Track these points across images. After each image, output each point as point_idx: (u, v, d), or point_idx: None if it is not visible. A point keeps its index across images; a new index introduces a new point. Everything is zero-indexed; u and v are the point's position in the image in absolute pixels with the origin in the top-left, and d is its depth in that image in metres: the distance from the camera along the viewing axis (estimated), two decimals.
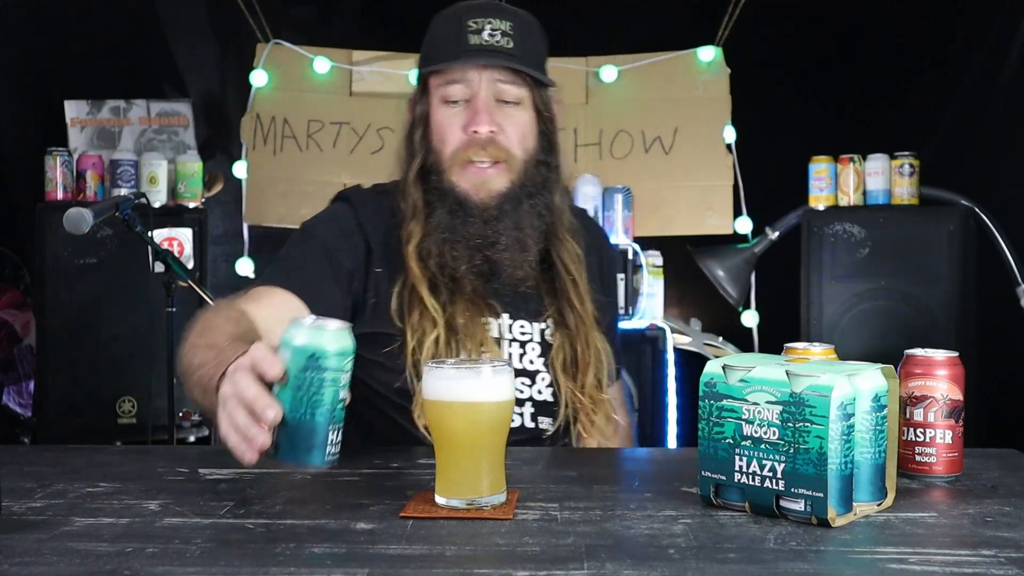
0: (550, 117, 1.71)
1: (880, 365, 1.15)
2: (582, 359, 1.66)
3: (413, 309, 1.62)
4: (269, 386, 1.11)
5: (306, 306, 1.57)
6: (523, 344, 1.68)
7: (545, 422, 1.66)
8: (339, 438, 1.12)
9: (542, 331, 1.69)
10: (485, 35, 1.61)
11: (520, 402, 1.65)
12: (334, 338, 1.10)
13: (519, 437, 1.60)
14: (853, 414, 1.09)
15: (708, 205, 3.69)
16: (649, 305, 3.43)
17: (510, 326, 1.68)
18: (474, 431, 1.15)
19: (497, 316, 1.67)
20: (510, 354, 1.66)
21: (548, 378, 1.67)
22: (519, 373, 1.66)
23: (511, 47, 1.62)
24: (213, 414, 1.22)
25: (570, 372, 1.67)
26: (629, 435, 1.81)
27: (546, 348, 1.68)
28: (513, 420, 1.61)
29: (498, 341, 1.66)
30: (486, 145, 1.62)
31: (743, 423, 1.11)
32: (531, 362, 1.67)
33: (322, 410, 1.09)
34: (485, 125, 1.61)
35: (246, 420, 1.10)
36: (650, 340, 3.30)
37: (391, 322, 1.62)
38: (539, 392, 1.67)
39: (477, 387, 1.15)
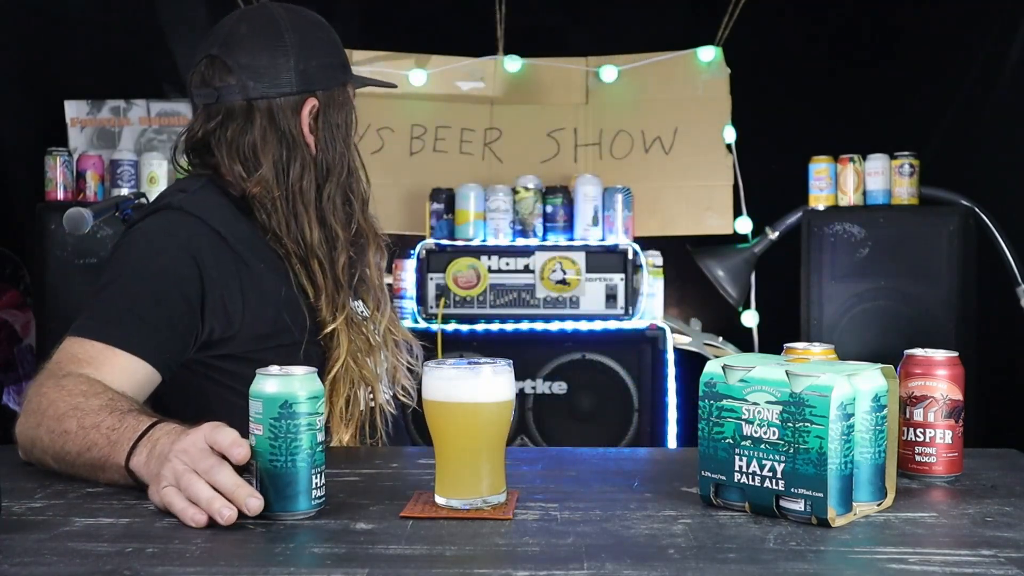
0: None
1: (880, 365, 1.15)
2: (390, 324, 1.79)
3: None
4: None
5: (158, 371, 1.49)
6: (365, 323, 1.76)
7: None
8: (323, 481, 1.12)
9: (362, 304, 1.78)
10: None
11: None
12: (304, 384, 1.11)
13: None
14: (853, 414, 1.09)
15: (708, 205, 3.69)
16: (649, 305, 3.43)
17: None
18: (474, 431, 1.15)
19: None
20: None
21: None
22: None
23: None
24: (109, 483, 1.25)
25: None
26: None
27: None
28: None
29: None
30: None
31: (743, 423, 1.11)
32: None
33: (302, 456, 1.10)
34: None
35: (211, 494, 1.09)
36: (650, 340, 3.30)
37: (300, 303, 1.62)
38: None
39: (477, 387, 1.15)
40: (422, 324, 3.25)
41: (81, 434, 1.28)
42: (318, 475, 1.12)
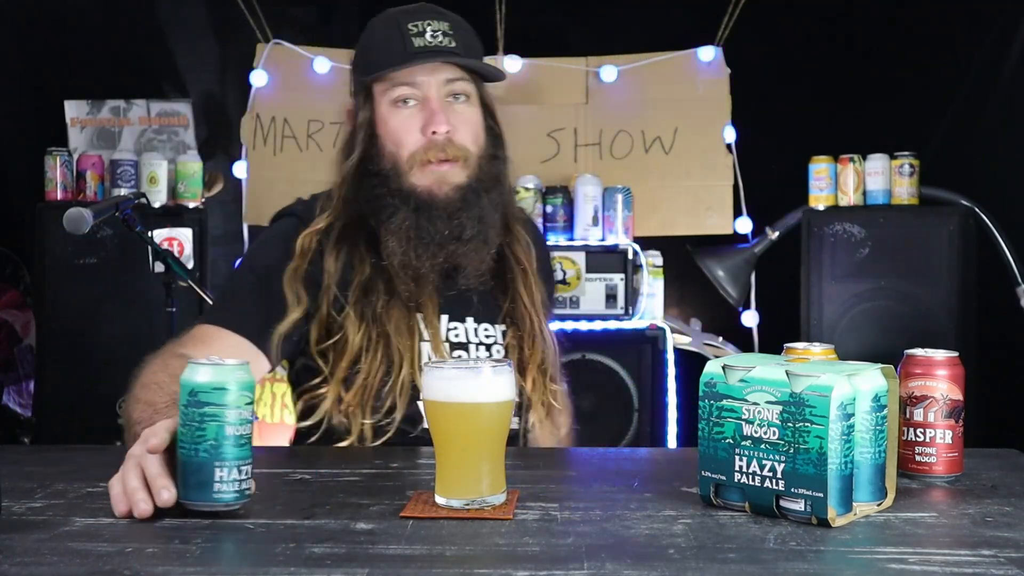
0: (494, 110, 1.73)
1: (880, 365, 1.15)
2: (528, 352, 1.68)
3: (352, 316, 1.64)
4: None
5: (255, 345, 1.58)
6: (488, 347, 1.69)
7: (513, 421, 1.66)
8: (234, 477, 1.10)
9: (503, 332, 1.70)
10: (428, 36, 1.62)
11: None
12: (209, 373, 1.10)
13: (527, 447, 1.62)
14: (853, 414, 1.09)
15: (708, 205, 3.69)
16: (649, 305, 3.43)
17: (475, 329, 1.69)
18: (474, 431, 1.15)
19: (462, 319, 1.69)
20: (477, 356, 1.67)
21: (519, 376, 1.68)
22: None
23: (455, 46, 1.63)
24: None
25: (517, 368, 1.66)
26: (571, 436, 1.82)
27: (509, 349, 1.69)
28: None
29: (464, 346, 1.67)
30: (444, 146, 1.63)
31: (743, 423, 1.11)
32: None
33: (205, 447, 1.09)
34: (443, 125, 1.61)
35: (137, 485, 1.11)
36: (650, 340, 3.30)
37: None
38: None
39: (477, 387, 1.15)
40: None
41: (141, 407, 1.41)
42: (224, 469, 1.09)
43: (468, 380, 1.15)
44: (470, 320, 1.69)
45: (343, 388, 1.61)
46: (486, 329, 1.70)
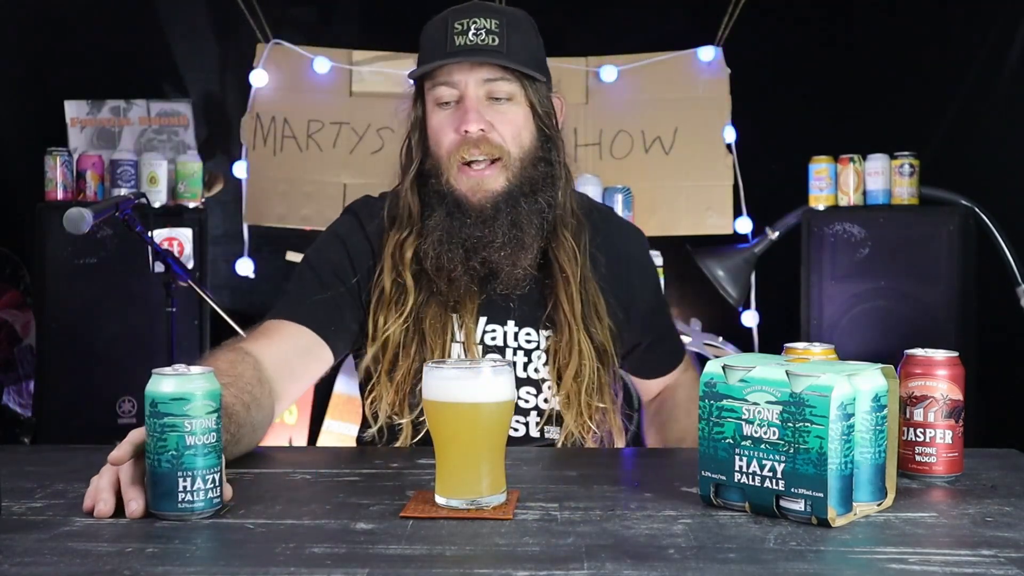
0: (548, 112, 1.69)
1: (880, 365, 1.15)
2: (563, 361, 1.65)
3: (387, 315, 1.65)
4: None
5: (318, 335, 1.62)
6: (528, 352, 1.68)
7: (553, 431, 1.66)
8: (199, 486, 1.10)
9: (547, 338, 1.68)
10: (470, 35, 1.61)
11: (525, 411, 1.66)
12: (168, 384, 1.10)
13: (528, 447, 1.61)
14: (853, 414, 1.09)
15: (708, 205, 3.69)
16: None
17: (515, 334, 1.68)
18: (474, 431, 1.15)
19: (503, 323, 1.68)
20: (514, 363, 1.66)
21: (555, 386, 1.66)
22: (524, 382, 1.66)
23: (496, 44, 1.61)
24: None
25: (555, 376, 1.66)
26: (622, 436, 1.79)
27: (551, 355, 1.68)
28: (518, 430, 1.62)
29: (501, 350, 1.67)
30: (478, 143, 1.61)
31: (743, 423, 1.11)
32: (536, 371, 1.67)
33: (167, 457, 1.10)
34: (474, 124, 1.60)
35: (104, 486, 1.14)
36: None
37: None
38: (545, 401, 1.67)
39: (477, 387, 1.15)
40: None
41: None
42: (187, 479, 1.10)
43: (468, 380, 1.15)
44: (511, 324, 1.68)
45: (389, 387, 1.63)
46: (528, 334, 1.68)
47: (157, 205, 3.28)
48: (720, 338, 3.63)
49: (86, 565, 0.96)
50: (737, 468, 1.12)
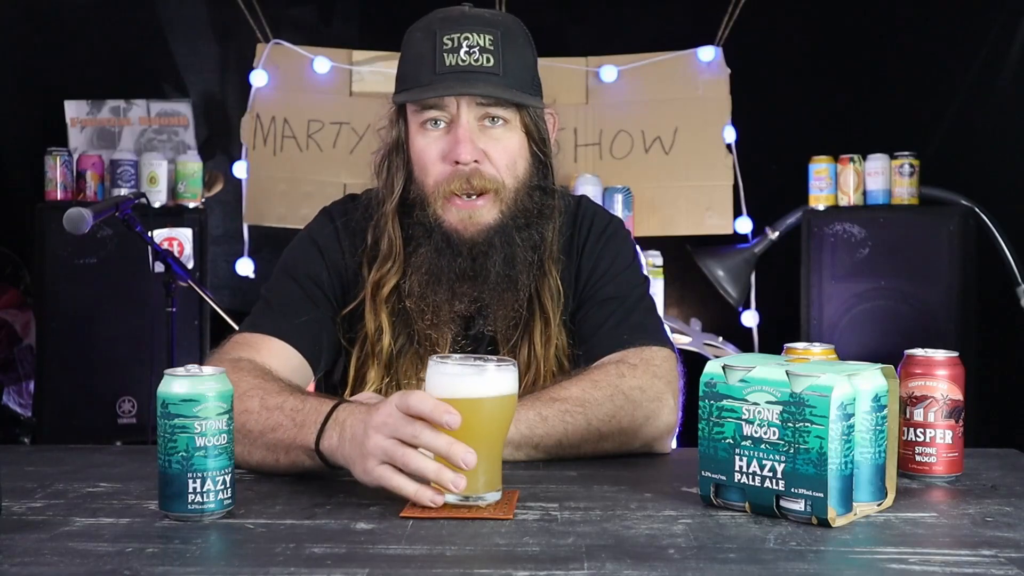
0: (542, 137, 1.57)
1: (880, 365, 1.15)
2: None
3: (365, 359, 1.56)
4: None
5: (304, 358, 1.53)
6: None
7: None
8: (208, 488, 1.10)
9: None
10: (462, 53, 1.46)
11: None
12: (179, 385, 1.10)
13: None
14: (853, 414, 1.09)
15: (708, 205, 3.69)
16: None
17: None
18: (475, 429, 1.15)
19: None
20: None
21: None
22: None
23: (491, 65, 1.47)
24: (291, 465, 1.29)
25: None
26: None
27: None
28: None
29: None
30: (470, 176, 1.48)
31: (743, 423, 1.11)
32: None
33: (177, 458, 1.10)
34: (468, 154, 1.46)
35: (436, 466, 1.11)
36: None
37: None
38: None
39: (480, 384, 1.15)
40: None
41: (264, 414, 1.31)
42: (197, 480, 1.10)
43: (472, 377, 1.15)
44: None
45: None
46: None
47: (157, 205, 3.28)
48: (720, 338, 3.63)
49: (86, 565, 0.96)
50: (737, 468, 1.12)
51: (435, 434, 1.11)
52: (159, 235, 3.20)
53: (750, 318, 3.70)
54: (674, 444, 1.53)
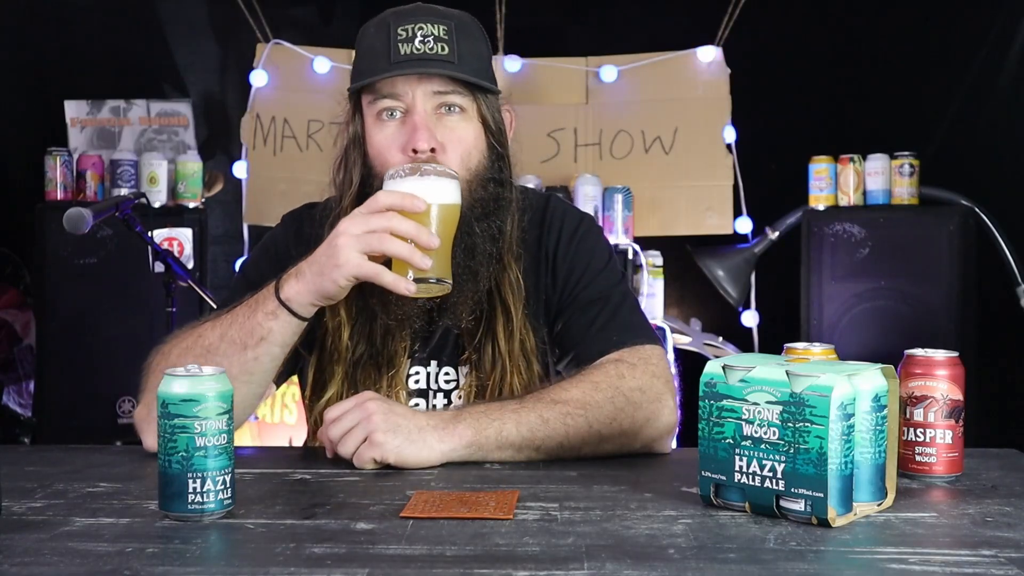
0: (499, 128, 1.55)
1: (880, 365, 1.15)
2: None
3: (325, 361, 1.56)
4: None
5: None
6: (448, 394, 1.58)
7: None
8: (208, 488, 1.10)
9: (467, 374, 1.57)
10: (416, 42, 1.46)
11: None
12: (180, 385, 1.10)
13: None
14: (853, 414, 1.09)
15: (708, 205, 3.69)
16: (649, 305, 3.43)
17: (436, 374, 1.58)
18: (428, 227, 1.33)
19: (426, 364, 1.57)
20: (434, 405, 1.56)
21: None
22: None
23: (446, 53, 1.46)
24: (252, 362, 1.38)
25: None
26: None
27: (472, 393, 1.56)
28: None
29: (424, 393, 1.57)
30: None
31: (743, 423, 1.11)
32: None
33: (177, 458, 1.10)
34: (424, 142, 1.45)
35: (409, 247, 1.28)
36: None
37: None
38: None
39: (428, 190, 1.35)
40: None
41: (218, 323, 1.42)
42: (197, 480, 1.10)
43: (416, 182, 1.35)
44: (434, 364, 1.57)
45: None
46: (447, 373, 1.57)
47: (157, 205, 3.28)
48: (720, 338, 3.63)
49: (86, 565, 0.96)
50: (737, 468, 1.12)
51: (403, 219, 1.29)
52: (159, 235, 3.20)
53: (750, 318, 3.70)
54: (674, 444, 1.53)
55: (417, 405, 1.56)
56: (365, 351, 1.55)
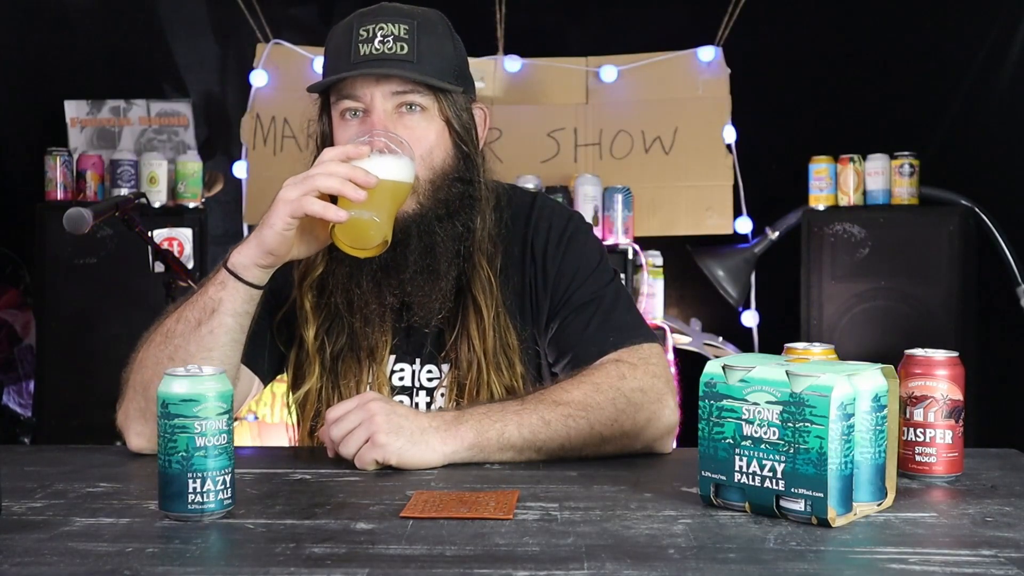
0: (466, 127, 1.54)
1: (880, 365, 1.15)
2: (466, 401, 1.52)
3: (299, 356, 1.57)
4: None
5: (248, 368, 1.53)
6: (431, 392, 1.58)
7: None
8: (208, 488, 1.10)
9: (447, 372, 1.58)
10: (376, 43, 1.47)
11: None
12: (180, 385, 1.10)
13: None
14: (853, 414, 1.09)
15: (708, 205, 3.69)
16: (649, 305, 3.43)
17: (418, 372, 1.58)
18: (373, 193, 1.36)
19: (411, 361, 1.58)
20: (416, 404, 1.57)
21: None
22: None
23: (405, 53, 1.47)
24: (207, 337, 1.41)
25: None
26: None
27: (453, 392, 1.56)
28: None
29: (409, 391, 1.58)
30: None
31: (743, 423, 1.11)
32: (440, 409, 1.55)
33: (177, 458, 1.10)
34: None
35: (340, 180, 1.33)
36: None
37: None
38: None
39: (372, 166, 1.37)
40: None
41: (176, 311, 1.46)
42: (197, 480, 1.10)
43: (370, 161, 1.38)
44: (418, 361, 1.58)
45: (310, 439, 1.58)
46: (429, 371, 1.58)
47: (157, 205, 3.28)
48: (720, 338, 3.63)
49: (86, 565, 0.96)
50: (737, 468, 1.12)
51: (340, 163, 1.35)
52: (159, 235, 3.20)
53: (750, 318, 3.70)
54: (674, 444, 1.53)
55: (401, 402, 1.55)
56: (345, 344, 1.56)
